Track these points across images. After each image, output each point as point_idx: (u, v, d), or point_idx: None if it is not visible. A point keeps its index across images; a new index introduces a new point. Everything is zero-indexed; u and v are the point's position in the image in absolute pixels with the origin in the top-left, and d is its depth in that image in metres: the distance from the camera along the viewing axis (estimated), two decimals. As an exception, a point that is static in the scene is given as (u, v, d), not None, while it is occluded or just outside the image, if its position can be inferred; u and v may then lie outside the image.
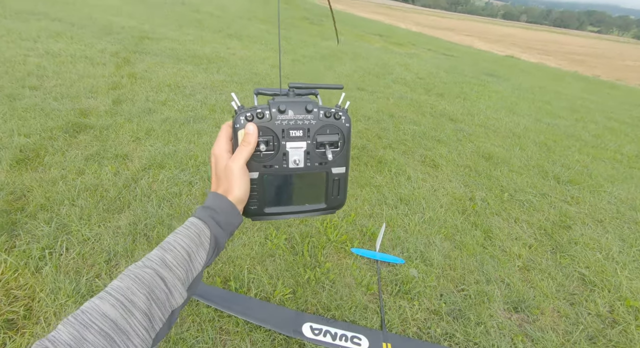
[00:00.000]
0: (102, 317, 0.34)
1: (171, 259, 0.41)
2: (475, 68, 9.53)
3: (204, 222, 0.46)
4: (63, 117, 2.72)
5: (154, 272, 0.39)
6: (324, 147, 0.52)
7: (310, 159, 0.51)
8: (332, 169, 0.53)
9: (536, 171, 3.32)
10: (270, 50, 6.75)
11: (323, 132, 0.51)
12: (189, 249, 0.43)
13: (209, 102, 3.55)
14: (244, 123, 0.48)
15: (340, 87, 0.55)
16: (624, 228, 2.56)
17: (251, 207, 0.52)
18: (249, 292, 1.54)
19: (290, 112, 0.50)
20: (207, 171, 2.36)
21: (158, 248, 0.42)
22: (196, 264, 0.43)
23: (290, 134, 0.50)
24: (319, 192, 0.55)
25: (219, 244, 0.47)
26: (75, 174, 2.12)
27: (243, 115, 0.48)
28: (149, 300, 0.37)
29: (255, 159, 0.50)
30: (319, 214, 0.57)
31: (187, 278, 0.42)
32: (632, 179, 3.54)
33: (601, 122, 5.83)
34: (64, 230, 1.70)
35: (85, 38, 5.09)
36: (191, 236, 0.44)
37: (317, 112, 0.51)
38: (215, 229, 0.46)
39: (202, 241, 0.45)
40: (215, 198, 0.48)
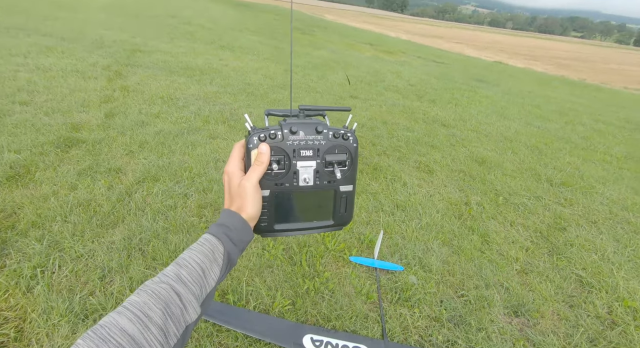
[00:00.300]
0: (121, 331, 0.35)
1: (186, 275, 0.42)
2: (465, 74, 9.70)
3: (217, 238, 0.47)
4: (54, 132, 2.70)
5: (169, 287, 0.40)
6: (332, 166, 0.54)
7: (320, 177, 0.54)
8: (340, 186, 0.55)
9: (529, 174, 3.36)
10: (262, 60, 6.81)
11: (332, 151, 0.54)
12: (203, 265, 0.44)
13: (202, 113, 3.55)
14: (257, 143, 0.50)
15: (348, 109, 0.57)
16: (618, 229, 2.59)
17: (262, 224, 0.53)
18: (247, 304, 1.52)
19: (302, 133, 0.52)
20: (202, 183, 2.34)
21: (173, 264, 0.44)
22: (210, 280, 0.44)
23: (300, 154, 0.52)
24: (327, 210, 0.56)
25: (231, 260, 0.48)
26: (68, 189, 2.09)
27: (256, 135, 0.50)
28: (164, 315, 0.38)
29: (267, 178, 0.51)
30: (327, 231, 0.58)
31: (201, 294, 0.43)
32: (622, 180, 3.60)
33: (589, 124, 5.95)
34: (56, 247, 1.66)
35: (77, 52, 5.08)
36: (205, 252, 0.45)
37: (327, 133, 0.53)
38: (228, 246, 0.47)
39: (216, 257, 0.46)
40: (229, 215, 0.49)
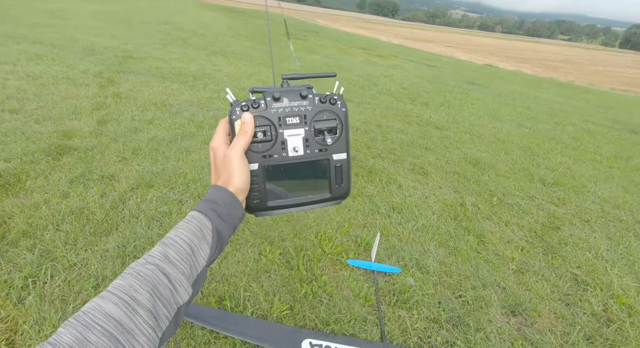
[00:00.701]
0: (105, 316, 0.33)
1: (174, 254, 0.40)
2: (456, 77, 9.83)
3: (204, 214, 0.45)
4: (45, 139, 2.66)
5: (156, 268, 0.38)
6: (322, 133, 0.51)
7: (310, 146, 0.51)
8: (333, 155, 0.52)
9: (522, 174, 3.40)
10: (256, 65, 6.82)
11: (320, 118, 0.51)
12: (191, 243, 0.42)
13: (196, 119, 3.54)
14: (239, 113, 0.48)
15: (333, 75, 0.55)
16: (610, 227, 2.63)
17: (253, 201, 0.51)
18: (245, 310, 1.50)
19: (285, 100, 0.50)
20: (197, 189, 2.32)
21: (159, 244, 0.41)
22: (200, 259, 0.42)
23: (287, 122, 0.50)
24: (322, 181, 0.53)
25: (222, 238, 0.45)
26: (60, 197, 2.05)
27: (238, 106, 0.48)
28: (153, 297, 0.36)
29: (253, 149, 0.49)
30: (325, 205, 0.55)
31: (191, 274, 0.41)
32: (613, 179, 3.66)
33: (579, 124, 6.06)
34: (48, 256, 1.63)
35: (67, 59, 5.03)
36: (193, 230, 0.43)
37: (312, 98, 0.51)
38: (217, 222, 0.45)
39: (205, 234, 0.43)
40: (216, 190, 0.47)
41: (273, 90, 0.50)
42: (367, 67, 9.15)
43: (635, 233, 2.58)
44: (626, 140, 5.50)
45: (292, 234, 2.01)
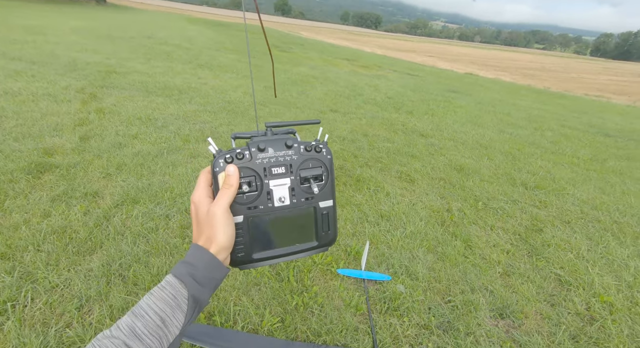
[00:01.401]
0: None
1: (142, 328, 0.39)
2: (439, 86, 10.11)
3: (180, 280, 0.43)
4: (25, 157, 2.59)
5: (122, 343, 0.37)
6: (308, 181, 0.50)
7: (296, 195, 0.50)
8: (320, 203, 0.52)
9: (505, 179, 3.50)
10: (242, 77, 6.86)
11: (306, 166, 0.51)
12: (162, 314, 0.40)
13: (182, 132, 3.52)
14: (223, 166, 0.47)
15: (317, 122, 0.55)
16: (589, 227, 2.72)
17: (238, 254, 0.49)
18: (235, 325, 1.48)
19: (270, 150, 0.49)
20: (184, 203, 2.30)
21: (129, 314, 0.40)
22: (172, 329, 0.41)
23: (272, 172, 0.49)
24: (309, 230, 0.53)
25: (199, 303, 0.44)
26: (40, 216, 2.00)
27: (222, 157, 0.47)
28: None
29: (238, 202, 0.47)
30: (311, 253, 0.54)
31: (161, 346, 0.40)
32: (590, 181, 3.80)
33: (556, 129, 6.30)
34: (29, 278, 1.57)
35: (48, 75, 4.95)
36: (166, 298, 0.41)
37: (298, 147, 0.50)
38: (194, 288, 0.43)
39: (179, 302, 0.41)
40: (196, 251, 0.45)
41: (257, 140, 0.49)
42: (352, 77, 9.32)
43: (613, 233, 2.68)
44: (601, 144, 5.74)
45: (282, 246, 2.00)
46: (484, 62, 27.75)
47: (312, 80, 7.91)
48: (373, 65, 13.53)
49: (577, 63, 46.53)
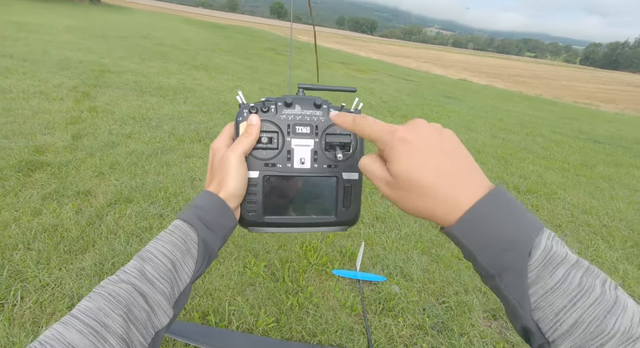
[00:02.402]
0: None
1: (152, 271, 0.35)
2: (433, 91, 10.23)
3: (189, 224, 0.39)
4: (15, 155, 2.55)
5: (132, 287, 0.33)
6: (334, 148, 0.46)
7: (318, 159, 0.46)
8: (343, 173, 0.47)
9: (498, 183, 3.53)
10: (237, 79, 6.86)
11: (333, 131, 0.47)
12: (173, 258, 0.36)
13: (177, 132, 3.50)
14: (246, 115, 0.45)
15: (353, 90, 0.50)
16: (580, 231, 2.77)
17: (249, 212, 0.46)
18: (230, 325, 1.47)
19: (298, 107, 0.46)
20: (179, 203, 2.28)
21: (136, 258, 0.36)
22: (183, 275, 0.37)
23: (296, 130, 0.45)
24: (328, 202, 0.47)
25: (209, 250, 0.40)
26: (31, 215, 1.96)
27: (247, 108, 0.45)
28: (126, 322, 0.31)
29: (256, 156, 0.45)
30: (328, 230, 0.49)
31: (172, 293, 0.36)
32: (580, 185, 3.88)
33: (548, 135, 6.42)
34: (18, 277, 1.54)
35: (40, 73, 4.88)
36: (175, 242, 0.38)
37: (327, 109, 0.47)
38: (203, 232, 0.39)
39: (189, 247, 0.38)
40: (205, 196, 0.42)
41: (286, 96, 0.46)
42: (348, 80, 9.39)
43: (603, 236, 2.73)
44: (590, 150, 5.86)
45: (277, 246, 2.00)
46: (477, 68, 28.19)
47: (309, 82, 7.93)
48: (368, 69, 13.65)
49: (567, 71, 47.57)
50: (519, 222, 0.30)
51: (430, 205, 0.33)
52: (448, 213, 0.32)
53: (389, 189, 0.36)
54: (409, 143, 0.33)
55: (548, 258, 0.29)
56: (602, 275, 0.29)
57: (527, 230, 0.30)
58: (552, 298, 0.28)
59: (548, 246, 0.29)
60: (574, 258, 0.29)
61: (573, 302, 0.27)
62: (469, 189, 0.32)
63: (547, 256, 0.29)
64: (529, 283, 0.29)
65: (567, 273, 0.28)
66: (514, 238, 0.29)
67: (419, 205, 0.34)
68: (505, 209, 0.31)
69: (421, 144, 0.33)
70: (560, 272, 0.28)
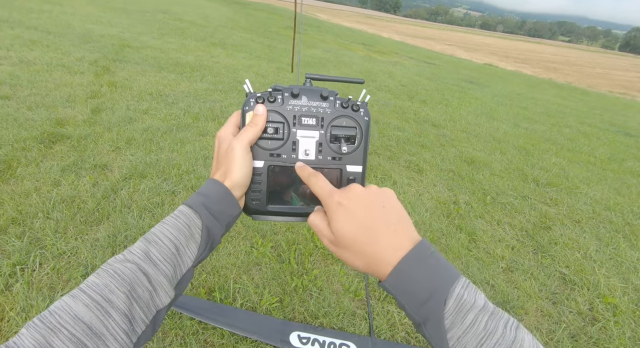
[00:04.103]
0: (74, 319, 0.30)
1: (156, 253, 0.37)
2: (455, 75, 9.82)
3: (194, 210, 0.41)
4: (37, 127, 2.63)
5: (136, 267, 0.35)
6: (339, 141, 0.47)
7: (323, 151, 0.47)
8: (347, 166, 0.47)
9: (516, 174, 3.42)
10: (254, 58, 6.77)
11: (339, 123, 0.47)
12: (177, 242, 0.39)
13: (192, 110, 3.51)
14: (253, 105, 0.46)
15: (361, 82, 0.51)
16: (600, 228, 2.66)
17: (253, 201, 0.47)
18: (234, 302, 1.51)
19: (304, 98, 0.47)
20: (191, 180, 2.31)
21: (142, 239, 0.38)
22: (185, 259, 0.39)
23: (302, 121, 0.46)
24: None
25: (213, 237, 0.42)
26: (51, 185, 2.04)
27: (253, 97, 0.46)
28: (129, 299, 0.33)
29: (261, 146, 0.46)
30: None
31: (174, 275, 0.38)
32: (605, 181, 3.69)
33: (575, 126, 6.09)
34: (37, 244, 1.62)
35: (62, 46, 4.96)
36: (180, 227, 0.39)
37: (334, 101, 0.47)
38: (207, 219, 0.41)
39: (193, 232, 0.40)
40: (211, 184, 0.44)
41: (292, 86, 0.47)
42: (367, 63, 9.11)
43: (625, 235, 2.61)
44: (620, 143, 5.54)
45: (285, 228, 2.01)
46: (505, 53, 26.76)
47: (326, 63, 7.75)
48: (389, 52, 13.18)
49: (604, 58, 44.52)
50: (437, 274, 0.35)
51: (366, 261, 0.38)
52: (380, 270, 0.37)
53: (333, 246, 0.41)
54: (343, 206, 0.39)
55: (460, 306, 0.33)
56: (505, 317, 0.34)
57: (443, 281, 0.34)
58: (465, 341, 0.33)
59: (460, 294, 0.34)
60: (482, 303, 0.34)
61: (481, 343, 0.32)
62: (396, 244, 0.37)
63: (459, 304, 0.33)
64: (446, 329, 0.33)
65: (475, 318, 0.33)
66: (432, 289, 0.34)
67: (357, 261, 0.39)
68: (425, 264, 0.36)
69: (354, 205, 0.39)
70: (470, 318, 0.33)
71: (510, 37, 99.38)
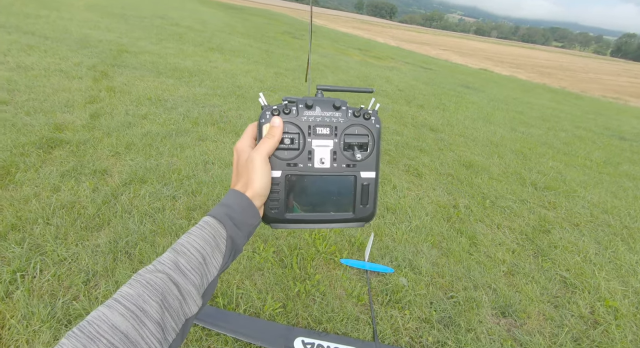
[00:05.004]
0: (112, 328, 0.31)
1: (185, 263, 0.38)
2: (452, 80, 9.91)
3: (219, 221, 0.43)
4: (36, 132, 2.61)
5: (166, 277, 0.36)
6: (352, 148, 0.49)
7: (337, 159, 0.49)
8: (361, 172, 0.50)
9: (514, 178, 3.44)
10: (252, 63, 6.79)
11: (352, 132, 0.49)
12: (203, 252, 0.40)
13: (191, 115, 3.51)
14: (269, 117, 0.47)
15: (371, 91, 0.53)
16: (598, 231, 2.68)
17: (272, 210, 0.48)
18: (237, 308, 1.49)
19: (318, 109, 0.48)
20: (191, 185, 2.31)
21: (170, 250, 0.40)
22: (211, 268, 0.41)
23: (316, 131, 0.48)
24: (347, 199, 0.50)
25: (236, 246, 0.43)
26: (50, 191, 2.02)
27: (269, 109, 0.47)
28: (161, 308, 0.35)
29: (278, 156, 0.47)
30: (346, 226, 0.52)
31: (201, 284, 0.39)
32: (602, 184, 3.73)
33: (570, 130, 6.16)
34: (38, 250, 1.60)
35: (60, 51, 4.95)
36: (206, 237, 0.41)
37: (346, 110, 0.49)
38: (231, 229, 0.43)
39: (218, 243, 0.42)
40: (233, 195, 0.45)
41: (306, 98, 0.49)
42: (364, 68, 9.18)
43: (623, 237, 2.64)
44: (615, 147, 5.61)
45: (286, 233, 2.00)
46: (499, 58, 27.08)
47: (323, 68, 7.80)
48: (386, 57, 13.29)
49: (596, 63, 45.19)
50: None
51: None
52: None
53: None
54: None
55: None
56: None
57: None
58: None
59: None
60: None
61: None
62: None
63: None
64: None
65: None
66: None
67: None
68: None
69: None
70: None
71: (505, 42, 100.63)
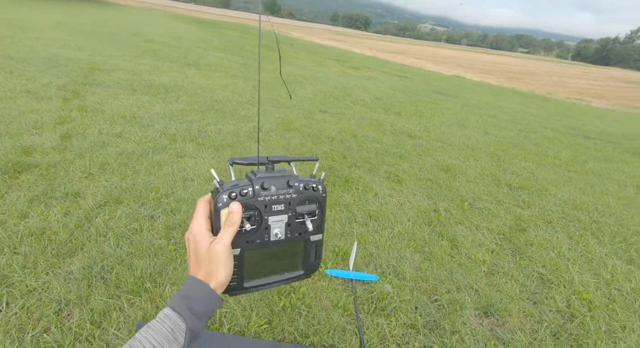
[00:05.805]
0: None
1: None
2: (426, 87, 10.25)
3: (179, 314, 0.43)
4: (1, 156, 2.49)
5: None
6: (303, 217, 0.53)
7: (291, 230, 0.53)
8: (311, 236, 0.55)
9: (490, 180, 3.57)
10: (230, 77, 6.79)
11: (302, 203, 0.53)
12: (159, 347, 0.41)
13: (169, 132, 3.45)
14: (227, 202, 0.47)
15: (316, 159, 0.58)
16: (570, 227, 2.80)
17: (231, 283, 0.50)
18: (221, 327, 1.46)
19: (273, 188, 0.50)
20: (170, 203, 2.25)
21: (127, 346, 0.40)
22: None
23: (272, 209, 0.50)
24: (297, 260, 0.56)
25: (195, 335, 0.44)
26: (17, 218, 1.92)
27: (226, 193, 0.47)
28: None
29: (237, 236, 0.48)
30: (297, 280, 0.57)
31: None
32: (571, 181, 3.92)
33: (540, 131, 6.47)
34: (4, 282, 1.51)
35: (27, 72, 4.78)
36: (164, 332, 0.41)
37: (297, 186, 0.52)
38: (191, 321, 0.43)
39: (177, 336, 0.42)
40: (195, 286, 0.45)
41: (261, 177, 0.50)
42: (342, 78, 9.35)
43: (593, 232, 2.77)
44: (581, 146, 5.93)
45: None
46: (470, 64, 28.28)
47: (302, 80, 7.89)
48: (362, 67, 13.61)
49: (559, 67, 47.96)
50: None
51: None
52: None
53: None
54: None
55: None
56: None
57: None
58: None
59: None
60: None
61: None
62: None
63: None
64: None
65: None
66: None
67: None
68: None
69: None
70: None
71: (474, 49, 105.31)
